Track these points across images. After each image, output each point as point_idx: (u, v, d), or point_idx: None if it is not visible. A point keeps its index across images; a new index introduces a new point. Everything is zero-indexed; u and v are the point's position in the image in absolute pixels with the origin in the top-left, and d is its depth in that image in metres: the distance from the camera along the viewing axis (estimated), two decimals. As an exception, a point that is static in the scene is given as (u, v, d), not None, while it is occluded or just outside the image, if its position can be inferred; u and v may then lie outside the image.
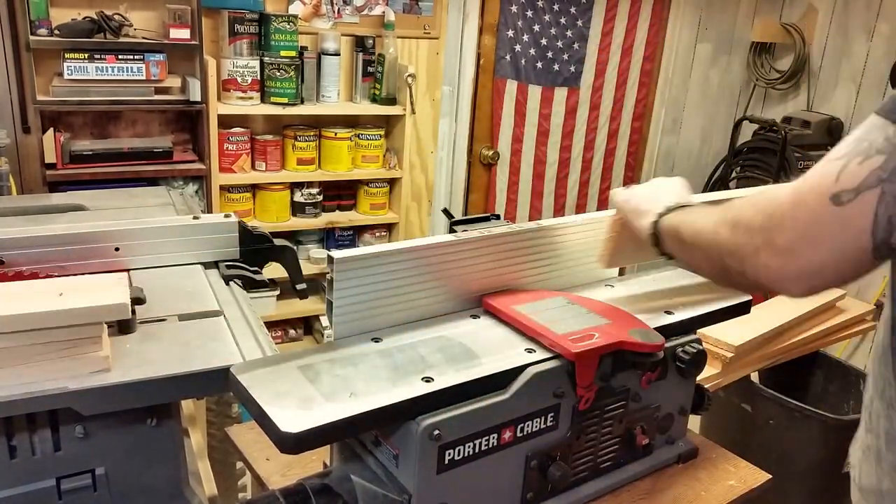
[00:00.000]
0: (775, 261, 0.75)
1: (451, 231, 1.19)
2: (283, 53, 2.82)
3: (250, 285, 1.28)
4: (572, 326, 1.04)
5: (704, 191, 4.24)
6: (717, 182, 4.16)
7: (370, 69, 3.07)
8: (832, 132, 3.67)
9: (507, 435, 0.97)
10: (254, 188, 2.99)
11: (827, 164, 0.73)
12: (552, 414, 1.01)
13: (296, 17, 2.86)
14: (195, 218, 1.33)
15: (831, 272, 0.73)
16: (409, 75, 3.00)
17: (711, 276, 0.96)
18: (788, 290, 0.77)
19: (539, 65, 3.59)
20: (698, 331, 1.23)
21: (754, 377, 2.36)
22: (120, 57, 2.48)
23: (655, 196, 1.09)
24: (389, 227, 3.31)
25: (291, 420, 0.81)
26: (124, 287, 0.97)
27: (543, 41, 3.56)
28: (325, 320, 3.20)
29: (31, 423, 0.90)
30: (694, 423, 1.37)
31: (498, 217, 1.28)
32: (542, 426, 1.01)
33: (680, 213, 1.02)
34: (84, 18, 2.46)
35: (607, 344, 1.00)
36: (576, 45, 3.65)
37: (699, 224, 0.93)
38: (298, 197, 3.05)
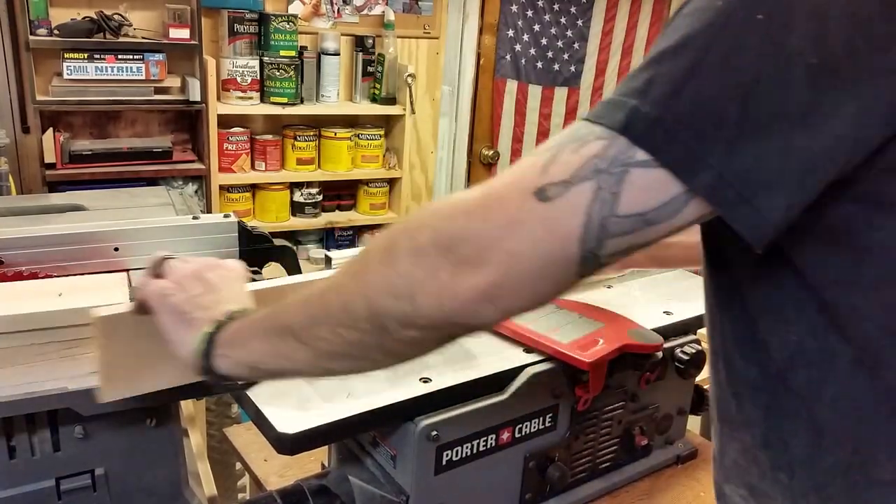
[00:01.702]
0: (458, 279, 0.54)
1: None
2: (282, 53, 2.82)
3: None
4: (574, 334, 1.03)
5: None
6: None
7: (370, 69, 3.07)
8: (832, 132, 3.68)
9: (505, 435, 0.97)
10: (253, 188, 2.99)
11: (533, 156, 0.55)
12: (550, 414, 1.01)
13: (295, 16, 2.86)
14: (195, 218, 1.33)
15: (525, 288, 0.54)
16: (409, 75, 3.00)
17: (348, 358, 0.64)
18: (474, 319, 0.56)
19: (539, 64, 3.59)
20: (698, 331, 1.23)
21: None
22: (119, 57, 2.48)
23: (207, 302, 0.75)
24: (389, 227, 3.31)
25: (289, 421, 0.81)
26: (124, 287, 0.97)
27: (543, 41, 3.56)
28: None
29: (30, 423, 0.90)
30: (694, 423, 1.37)
31: (497, 217, 1.27)
32: (541, 427, 1.01)
33: (258, 311, 0.72)
34: (83, 18, 2.46)
35: (615, 348, 1.00)
36: (576, 45, 3.65)
37: (315, 287, 0.65)
38: (298, 197, 3.05)
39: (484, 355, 1.00)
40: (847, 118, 0.49)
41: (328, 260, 0.97)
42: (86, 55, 2.44)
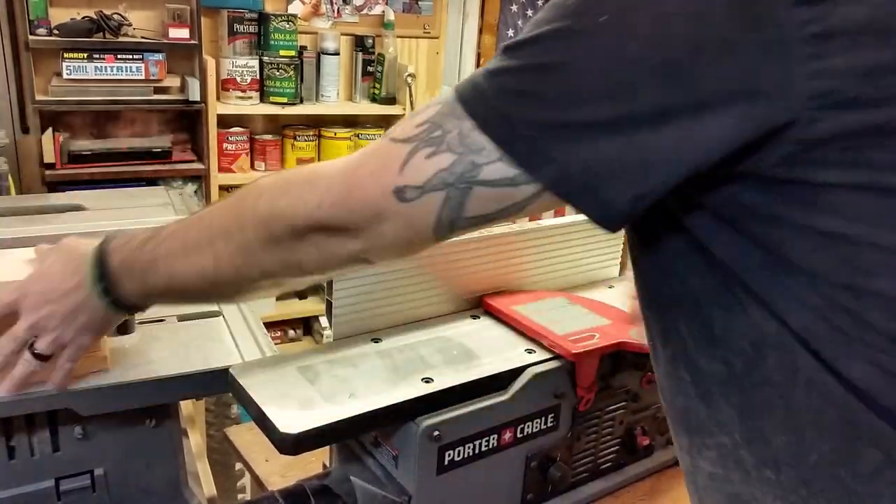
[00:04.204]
0: (336, 247, 0.66)
1: (451, 231, 1.19)
2: (282, 53, 2.82)
3: (250, 285, 1.27)
4: (572, 327, 1.04)
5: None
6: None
7: (370, 69, 3.07)
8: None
9: (507, 436, 0.96)
10: (253, 188, 2.99)
11: (392, 144, 0.62)
12: (552, 415, 1.01)
13: (295, 16, 2.86)
14: (194, 218, 1.32)
15: (393, 255, 0.69)
16: (409, 75, 3.00)
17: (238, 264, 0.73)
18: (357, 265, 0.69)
19: (539, 65, 3.59)
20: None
21: (754, 377, 2.36)
22: (119, 56, 2.48)
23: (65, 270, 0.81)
24: (389, 227, 3.31)
25: (290, 421, 0.81)
26: None
27: (543, 41, 3.56)
28: (324, 321, 3.20)
29: (29, 423, 0.90)
30: (694, 423, 1.37)
31: (498, 217, 1.27)
32: (543, 427, 1.01)
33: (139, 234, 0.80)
34: (83, 18, 2.46)
35: (608, 344, 1.00)
36: (576, 45, 3.65)
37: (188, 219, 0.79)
38: (298, 197, 3.05)
39: (485, 355, 1.00)
40: (695, 118, 0.51)
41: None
42: (85, 55, 2.43)
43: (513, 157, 0.56)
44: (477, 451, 0.94)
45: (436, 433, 0.88)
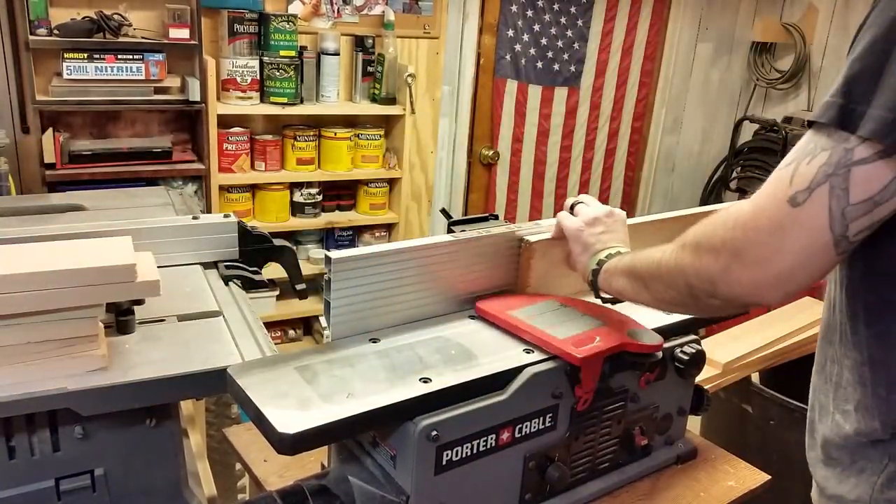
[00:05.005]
0: (746, 274, 0.76)
1: (450, 231, 1.19)
2: (282, 53, 2.82)
3: (250, 285, 1.28)
4: (571, 330, 1.04)
5: (705, 191, 4.24)
6: (718, 182, 4.16)
7: (370, 69, 3.07)
8: (832, 132, 3.67)
9: (505, 435, 0.97)
10: (253, 188, 2.99)
11: (779, 171, 0.76)
12: (550, 414, 1.01)
13: (295, 16, 2.86)
14: (194, 218, 1.33)
15: (802, 274, 0.74)
16: (409, 75, 3.00)
17: (677, 306, 0.93)
18: (764, 300, 0.78)
19: (539, 64, 3.59)
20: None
21: (754, 377, 2.36)
22: (119, 57, 2.48)
23: (604, 238, 1.11)
24: (389, 228, 3.31)
25: (289, 421, 0.81)
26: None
27: (543, 41, 3.56)
28: (324, 321, 3.20)
29: (30, 423, 0.90)
30: (694, 423, 1.37)
31: (496, 217, 1.28)
32: (541, 427, 1.01)
33: (628, 254, 1.04)
34: (83, 18, 2.46)
35: (610, 347, 1.00)
36: (576, 45, 3.65)
37: (656, 256, 0.91)
38: (298, 197, 3.05)
39: (484, 355, 1.00)
40: None
41: (328, 260, 0.97)
42: (85, 55, 2.43)
43: (885, 154, 0.68)
44: (475, 451, 0.94)
45: (434, 433, 0.88)
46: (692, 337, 1.19)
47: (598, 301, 1.12)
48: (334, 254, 0.97)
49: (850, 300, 0.84)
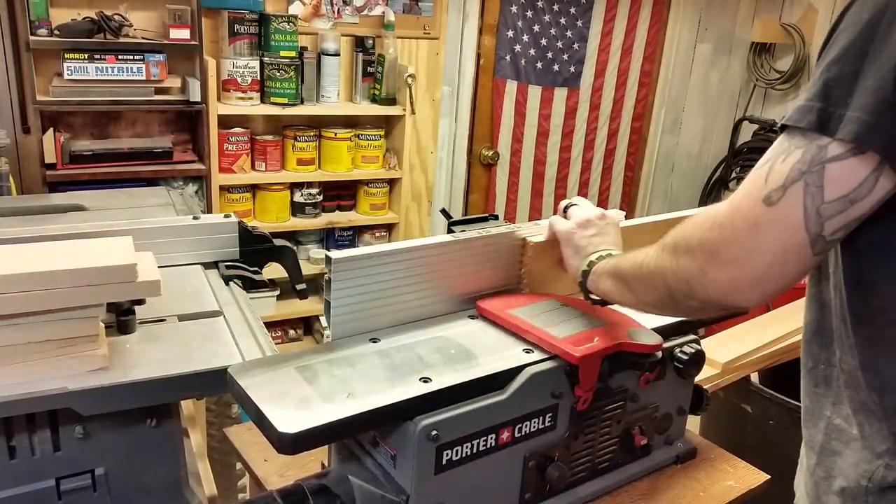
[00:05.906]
0: (722, 274, 0.75)
1: (449, 231, 1.19)
2: (282, 54, 2.82)
3: (250, 285, 1.28)
4: (571, 329, 1.04)
5: (704, 191, 4.24)
6: (717, 182, 4.17)
7: (370, 69, 3.07)
8: (832, 132, 3.67)
9: (505, 435, 0.97)
10: (253, 188, 2.99)
11: (755, 171, 0.75)
12: (550, 414, 1.01)
13: (296, 17, 2.86)
14: (195, 218, 1.33)
15: (778, 274, 0.74)
16: (409, 75, 3.00)
17: (658, 308, 0.93)
18: (740, 301, 0.77)
19: (539, 65, 3.60)
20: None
21: (754, 377, 2.36)
22: (120, 57, 2.48)
23: (596, 241, 1.10)
24: (389, 228, 3.31)
25: (289, 421, 0.81)
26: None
27: (543, 41, 3.56)
28: (324, 320, 3.20)
29: (30, 423, 0.90)
30: (694, 423, 1.37)
31: (496, 217, 1.28)
32: (541, 426, 1.01)
33: (616, 256, 1.04)
34: (84, 19, 2.46)
35: (609, 346, 1.00)
36: (576, 46, 3.66)
37: (640, 257, 0.91)
38: (298, 197, 3.05)
39: (483, 355, 1.00)
40: None
41: (328, 260, 0.97)
42: (86, 55, 2.44)
43: (858, 152, 0.68)
44: (475, 450, 0.94)
45: (434, 433, 0.89)
46: (692, 337, 1.20)
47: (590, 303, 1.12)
48: (334, 254, 0.97)
49: (846, 304, 0.84)
